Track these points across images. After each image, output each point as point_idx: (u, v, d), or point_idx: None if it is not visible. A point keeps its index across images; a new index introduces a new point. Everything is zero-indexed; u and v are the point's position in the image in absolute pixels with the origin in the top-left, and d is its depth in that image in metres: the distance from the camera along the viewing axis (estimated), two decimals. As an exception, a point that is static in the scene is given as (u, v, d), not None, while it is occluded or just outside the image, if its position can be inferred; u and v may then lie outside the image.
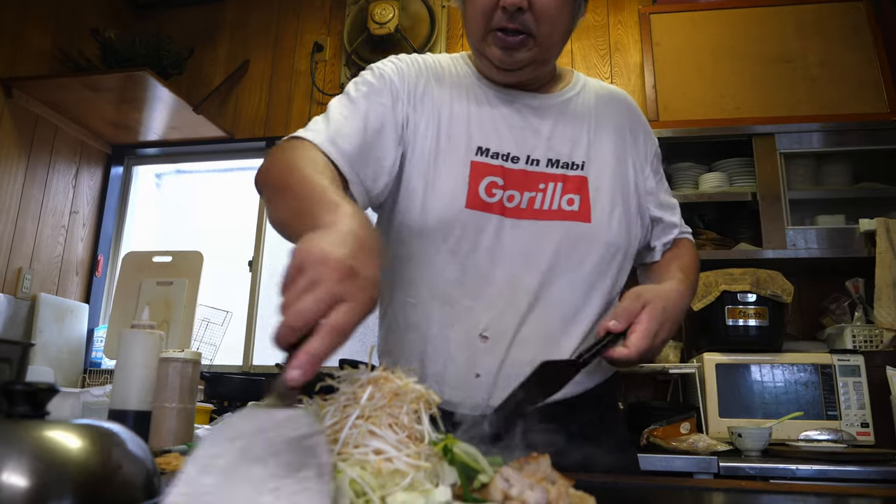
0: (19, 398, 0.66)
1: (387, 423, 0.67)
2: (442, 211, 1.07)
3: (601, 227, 1.10)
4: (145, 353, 1.32)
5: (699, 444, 2.07)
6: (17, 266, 3.10)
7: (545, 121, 1.15)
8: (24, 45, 3.16)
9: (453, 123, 1.12)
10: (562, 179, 1.11)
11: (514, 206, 1.09)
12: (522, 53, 1.09)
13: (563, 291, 1.09)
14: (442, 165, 1.09)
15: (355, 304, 0.62)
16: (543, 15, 1.06)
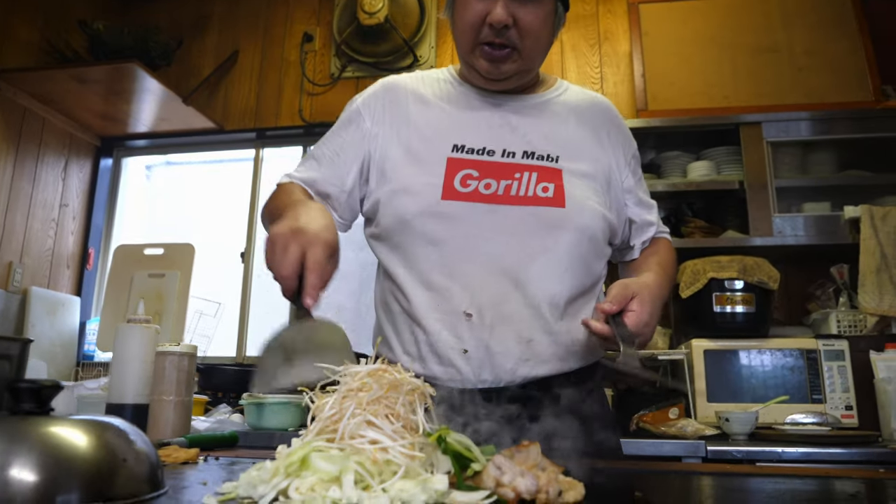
0: (25, 395, 0.68)
1: (384, 413, 0.69)
2: (419, 205, 1.17)
3: (574, 212, 1.17)
4: (142, 347, 1.34)
5: (688, 428, 2.11)
6: (7, 260, 3.10)
7: (523, 119, 1.25)
8: (10, 37, 3.14)
9: (431, 129, 1.23)
10: (537, 170, 1.19)
11: (490, 192, 1.17)
12: (508, 65, 1.19)
13: (541, 270, 1.16)
14: (419, 165, 1.20)
15: (316, 247, 0.93)
16: (527, 31, 1.15)
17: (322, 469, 0.62)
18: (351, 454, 0.63)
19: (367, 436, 0.66)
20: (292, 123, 3.52)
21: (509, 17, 1.13)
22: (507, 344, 1.13)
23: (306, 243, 0.92)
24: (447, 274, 1.15)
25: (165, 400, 1.30)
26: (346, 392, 0.71)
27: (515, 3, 1.14)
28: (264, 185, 3.60)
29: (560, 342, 1.16)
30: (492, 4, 1.13)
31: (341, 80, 3.51)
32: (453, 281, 1.15)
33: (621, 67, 3.21)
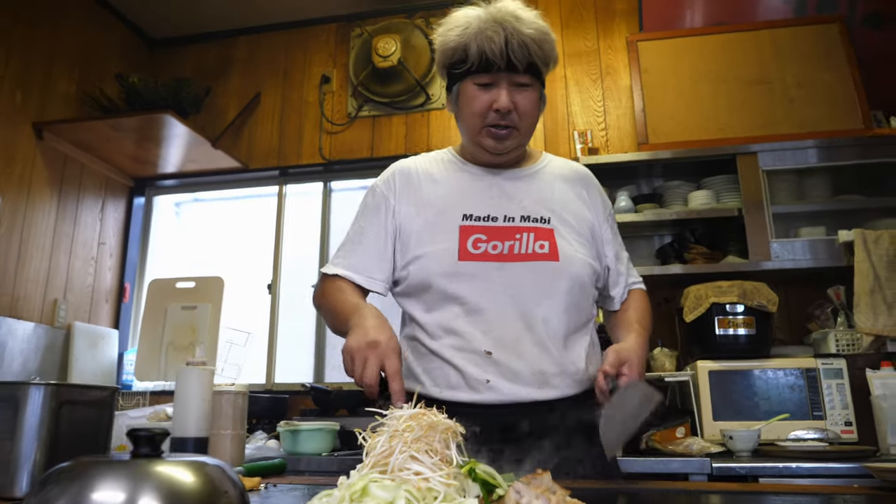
0: (143, 441, 0.86)
1: (423, 449, 0.86)
2: (441, 267, 1.39)
3: (566, 264, 1.40)
4: (200, 386, 1.51)
5: (693, 446, 2.25)
6: (52, 297, 3.31)
7: (518, 189, 1.49)
8: (52, 91, 3.37)
9: (443, 202, 1.46)
10: (534, 230, 1.42)
11: (497, 252, 1.39)
12: (510, 142, 1.44)
13: (544, 313, 1.38)
14: (437, 234, 1.42)
15: (392, 358, 1.16)
16: (524, 113, 1.41)
17: (379, 496, 0.79)
18: (401, 484, 0.80)
19: (412, 468, 0.83)
20: (313, 161, 3.72)
21: (511, 102, 1.37)
22: (523, 375, 1.35)
23: (382, 355, 1.15)
24: (468, 321, 1.37)
25: (223, 434, 1.47)
26: (393, 432, 0.88)
27: (514, 91, 1.39)
28: (288, 219, 3.80)
29: (566, 371, 1.38)
30: (497, 94, 1.38)
31: (358, 119, 3.71)
32: (474, 327, 1.36)
33: (623, 101, 3.38)
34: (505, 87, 1.38)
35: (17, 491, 1.07)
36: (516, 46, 1.35)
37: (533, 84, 1.40)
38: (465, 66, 1.39)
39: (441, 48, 1.45)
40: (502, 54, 1.35)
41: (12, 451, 1.09)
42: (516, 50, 1.35)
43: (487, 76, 1.38)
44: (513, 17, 1.37)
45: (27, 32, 3.24)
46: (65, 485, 0.78)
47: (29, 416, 1.10)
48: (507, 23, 1.36)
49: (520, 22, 1.37)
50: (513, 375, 1.34)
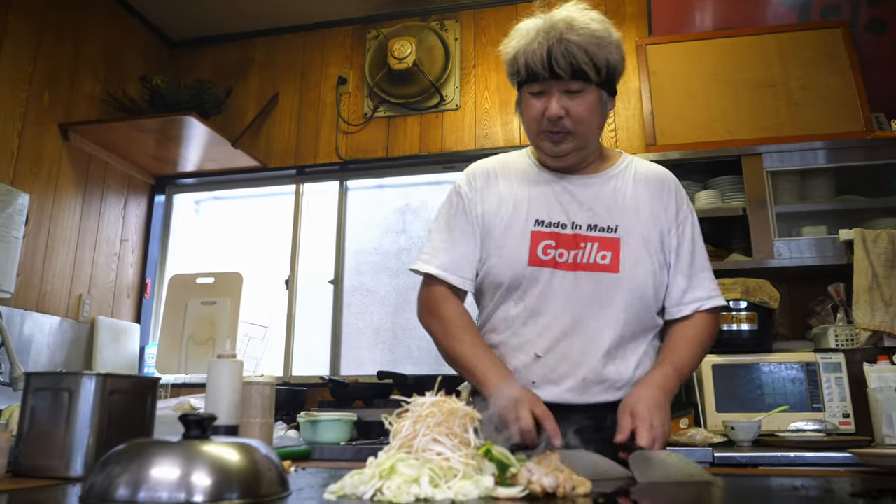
0: (193, 425, 0.96)
1: (444, 433, 0.96)
2: (512, 270, 1.48)
3: (627, 276, 1.46)
4: (231, 377, 1.62)
5: (697, 437, 2.35)
6: (77, 293, 3.43)
7: (588, 195, 1.53)
8: (77, 92, 3.49)
9: (516, 205, 1.53)
10: (598, 240, 1.47)
11: (563, 261, 1.47)
12: (566, 145, 1.48)
13: (600, 324, 1.45)
14: (510, 237, 1.50)
15: (538, 405, 1.32)
16: (578, 119, 1.44)
17: (405, 473, 0.89)
18: (425, 463, 0.91)
19: (434, 449, 0.94)
20: (329, 160, 3.83)
21: (562, 109, 1.42)
22: (566, 381, 1.45)
23: (531, 405, 1.31)
24: (527, 323, 1.48)
25: (253, 422, 1.58)
26: (417, 418, 0.98)
27: (566, 98, 1.42)
28: (305, 216, 3.91)
29: (606, 380, 1.45)
30: (548, 101, 1.43)
31: (374, 120, 3.81)
32: (531, 329, 1.48)
33: (632, 102, 3.47)
34: (556, 95, 1.41)
35: (73, 472, 1.18)
36: (559, 55, 1.38)
37: (585, 89, 1.41)
38: (519, 77, 1.47)
39: (504, 59, 1.51)
40: (544, 65, 1.39)
41: (67, 435, 1.20)
42: (559, 59, 1.38)
43: (537, 85, 1.43)
44: (564, 23, 1.39)
45: (53, 36, 3.35)
46: (125, 464, 0.88)
47: (82, 404, 1.21)
48: (555, 31, 1.38)
49: (570, 28, 1.38)
50: (557, 379, 1.45)
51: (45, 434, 1.20)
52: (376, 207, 3.87)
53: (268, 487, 0.92)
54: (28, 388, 1.24)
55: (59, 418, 1.21)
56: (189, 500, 0.84)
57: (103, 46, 3.67)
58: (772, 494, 1.01)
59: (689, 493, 1.02)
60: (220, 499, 0.86)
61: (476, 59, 3.77)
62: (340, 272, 3.77)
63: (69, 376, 1.23)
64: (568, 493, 0.91)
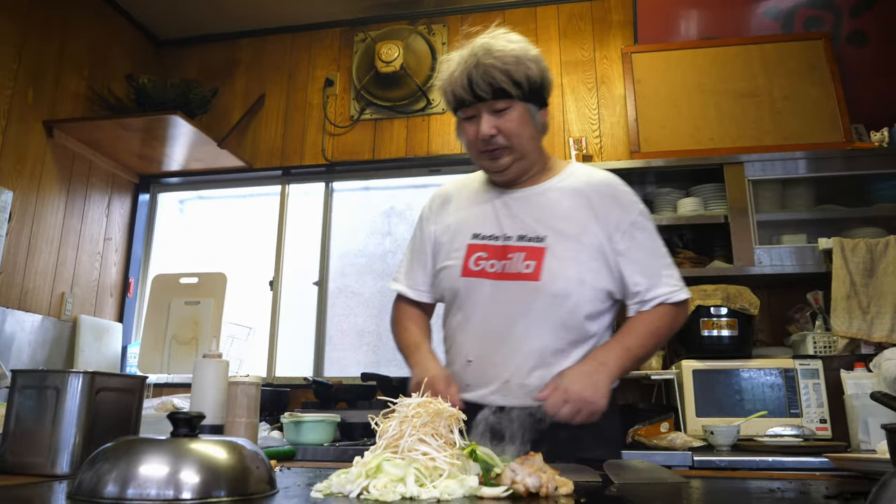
0: (181, 423, 0.97)
1: (430, 433, 0.98)
2: (450, 281, 1.60)
3: (548, 284, 1.49)
4: (217, 377, 1.62)
5: (677, 441, 2.38)
6: (60, 291, 3.41)
7: (523, 208, 1.60)
8: (62, 90, 3.47)
9: (461, 223, 1.65)
10: (525, 250, 1.54)
11: (493, 271, 1.55)
12: (504, 160, 1.56)
13: (522, 330, 1.51)
14: (452, 251, 1.63)
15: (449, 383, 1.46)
16: (509, 133, 1.52)
17: (391, 472, 0.91)
18: (410, 462, 0.92)
19: (420, 449, 0.95)
20: (315, 162, 3.83)
21: (493, 128, 1.50)
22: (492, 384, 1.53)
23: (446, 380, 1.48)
24: (462, 331, 1.59)
25: (238, 421, 1.58)
26: (403, 418, 1.00)
27: (494, 117, 1.51)
28: (290, 218, 3.91)
29: (527, 385, 1.49)
30: (478, 123, 1.52)
31: (360, 122, 3.82)
32: (465, 336, 1.59)
33: (617, 109, 3.50)
34: (484, 116, 1.50)
35: (59, 469, 1.18)
36: (479, 79, 1.47)
37: (511, 105, 1.50)
38: (451, 106, 1.57)
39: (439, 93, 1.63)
40: (466, 90, 1.49)
41: (54, 433, 1.20)
42: (479, 82, 1.47)
43: (467, 109, 1.53)
44: (483, 49, 1.49)
45: (39, 33, 3.33)
46: (113, 461, 0.89)
47: (69, 402, 1.21)
48: (473, 58, 1.48)
49: (487, 53, 1.48)
50: (485, 383, 1.53)
51: (32, 432, 1.20)
52: (362, 210, 3.88)
53: (255, 485, 0.93)
54: (14, 386, 1.24)
55: (46, 416, 1.21)
56: (177, 497, 0.85)
57: (89, 44, 3.66)
58: (749, 496, 1.03)
59: (669, 494, 1.04)
60: (209, 496, 0.87)
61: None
62: (325, 274, 3.77)
63: (56, 374, 1.23)
64: (550, 492, 0.93)
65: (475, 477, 0.92)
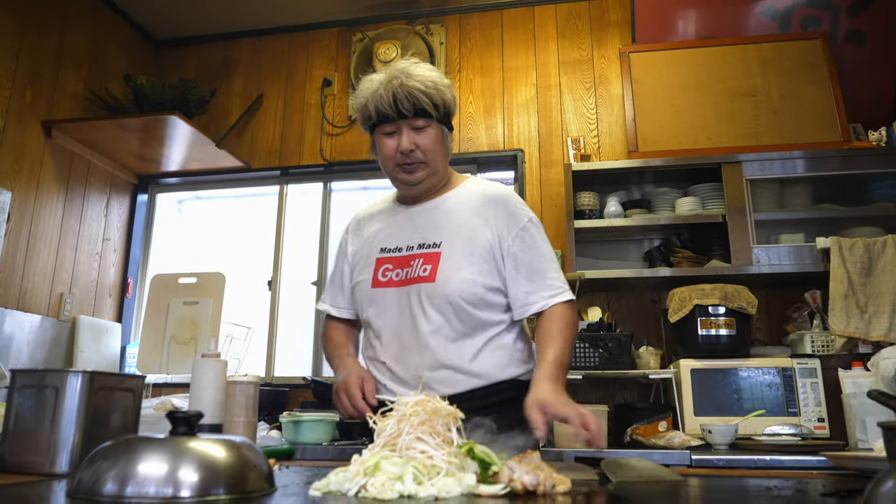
0: (180, 422, 0.97)
1: (428, 431, 0.98)
2: (362, 294, 1.73)
3: (442, 284, 1.61)
4: (215, 376, 1.62)
5: (675, 440, 2.38)
6: (59, 291, 3.41)
7: (423, 219, 1.73)
8: (60, 90, 3.47)
9: (372, 241, 1.78)
10: (423, 256, 1.67)
11: (399, 279, 1.68)
12: (419, 173, 1.68)
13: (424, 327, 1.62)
14: (364, 266, 1.75)
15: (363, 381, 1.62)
16: (426, 149, 1.65)
17: (389, 470, 0.91)
18: (408, 461, 0.92)
19: (418, 447, 0.95)
20: (314, 162, 3.84)
21: (412, 143, 1.62)
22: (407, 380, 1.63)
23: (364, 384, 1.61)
24: (377, 336, 1.70)
25: (237, 421, 1.59)
26: (401, 417, 1.00)
27: (414, 133, 1.62)
28: (288, 218, 3.91)
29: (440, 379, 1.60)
30: (398, 139, 1.63)
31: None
32: (379, 341, 1.69)
33: (615, 109, 3.51)
34: (405, 132, 1.61)
35: (58, 468, 1.18)
36: (403, 98, 1.58)
37: (430, 124, 1.63)
38: (371, 122, 1.66)
39: (356, 110, 1.70)
40: (392, 107, 1.59)
41: (53, 432, 1.20)
42: (404, 101, 1.58)
43: (388, 125, 1.63)
44: (403, 73, 1.60)
45: (37, 33, 3.33)
46: (112, 460, 0.88)
47: (68, 402, 1.21)
48: (396, 79, 1.59)
49: (409, 76, 1.60)
50: (399, 381, 1.64)
51: (31, 431, 1.20)
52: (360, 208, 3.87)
53: (254, 483, 0.93)
54: (13, 385, 1.24)
55: (45, 416, 1.21)
56: (176, 495, 0.85)
57: (87, 44, 3.66)
58: (746, 494, 1.03)
59: (667, 492, 1.04)
60: (207, 494, 0.87)
61: (461, 63, 3.80)
62: (324, 274, 3.77)
63: (55, 374, 1.23)
64: (548, 490, 0.93)
65: (473, 475, 0.92)
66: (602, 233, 3.18)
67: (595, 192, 3.14)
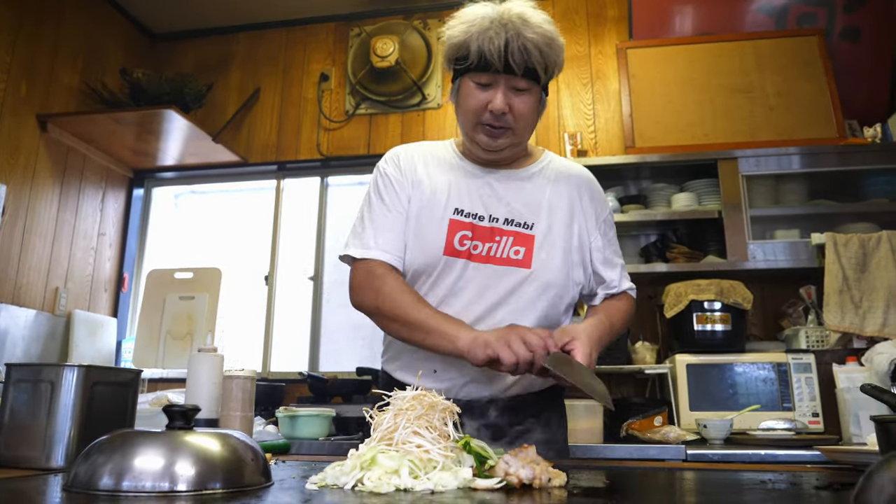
0: (176, 416, 0.97)
1: (424, 426, 0.99)
2: (426, 257, 1.47)
3: (538, 272, 1.46)
4: (211, 371, 1.62)
5: (670, 434, 2.39)
6: (54, 286, 3.40)
7: (508, 190, 1.53)
8: (55, 83, 3.45)
9: (437, 192, 1.51)
10: (513, 234, 1.48)
11: (477, 253, 1.47)
12: (503, 140, 1.47)
13: (504, 316, 1.45)
14: (428, 224, 1.49)
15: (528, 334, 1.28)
16: (520, 115, 1.44)
17: (386, 464, 0.91)
18: (405, 455, 0.93)
19: (414, 442, 0.96)
20: (311, 157, 3.83)
21: (506, 105, 1.41)
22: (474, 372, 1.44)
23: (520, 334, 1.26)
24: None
25: (233, 415, 1.59)
26: (398, 411, 1.00)
27: (511, 93, 1.41)
28: (285, 212, 3.90)
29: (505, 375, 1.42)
30: (493, 94, 1.40)
31: (355, 117, 3.82)
32: None
33: (612, 105, 3.51)
34: (502, 89, 1.39)
35: (54, 463, 1.18)
36: (516, 50, 1.36)
37: (531, 88, 1.42)
38: (466, 63, 1.41)
39: (447, 42, 1.45)
40: (500, 57, 1.36)
41: (48, 427, 1.20)
42: (516, 54, 1.36)
43: (486, 76, 1.40)
44: (520, 19, 1.37)
45: (32, 25, 3.32)
46: (108, 454, 0.89)
47: (64, 396, 1.21)
48: (512, 25, 1.36)
49: (526, 25, 1.36)
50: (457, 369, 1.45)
51: (26, 425, 1.21)
52: (357, 204, 3.83)
53: (251, 477, 0.94)
54: (9, 379, 1.24)
55: (41, 410, 1.21)
56: (173, 488, 0.85)
57: (83, 38, 3.64)
58: (741, 487, 1.04)
59: (664, 482, 1.05)
60: (204, 488, 0.88)
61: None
62: (320, 268, 3.77)
63: (50, 368, 1.23)
64: (544, 484, 0.93)
65: (469, 469, 0.93)
66: (598, 228, 3.18)
67: (591, 188, 3.13)
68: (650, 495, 0.97)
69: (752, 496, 0.91)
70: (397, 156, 1.59)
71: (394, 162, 1.58)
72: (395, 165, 1.57)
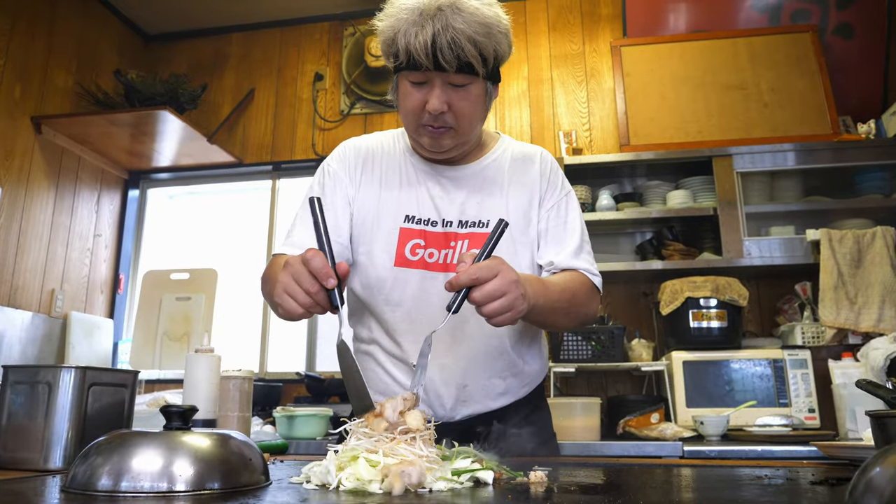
0: (175, 416, 0.97)
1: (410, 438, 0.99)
2: (377, 269, 1.37)
3: None
4: (209, 371, 1.62)
5: (667, 431, 2.40)
6: (50, 288, 3.40)
7: (460, 190, 1.41)
8: (49, 85, 3.45)
9: (384, 199, 1.40)
10: (469, 237, 1.38)
11: (433, 261, 1.37)
12: (447, 141, 1.34)
13: (472, 330, 1.35)
14: (377, 232, 1.39)
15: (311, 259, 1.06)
16: (461, 113, 1.29)
17: (369, 461, 0.92)
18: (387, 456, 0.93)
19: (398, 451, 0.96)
20: (306, 157, 3.83)
21: (444, 104, 1.26)
22: (447, 389, 1.36)
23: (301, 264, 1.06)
24: (399, 331, 1.38)
25: (230, 416, 1.59)
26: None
27: (449, 90, 1.26)
28: (281, 212, 3.90)
29: (491, 388, 1.38)
30: (428, 94, 1.26)
31: (350, 116, 3.82)
32: (403, 338, 1.38)
33: (606, 102, 3.52)
34: (438, 87, 1.25)
35: (52, 464, 1.18)
36: (445, 45, 1.20)
37: (471, 82, 1.27)
38: (396, 62, 1.27)
39: (378, 37, 1.30)
40: (428, 54, 1.21)
41: (46, 428, 1.20)
42: (445, 49, 1.20)
43: (418, 74, 1.25)
44: (450, 7, 1.20)
45: (26, 27, 3.31)
46: (107, 454, 0.88)
47: (61, 397, 1.21)
48: (441, 15, 1.20)
49: (457, 13, 1.20)
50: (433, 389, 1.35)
51: (24, 427, 1.20)
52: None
53: (249, 477, 0.94)
54: (6, 381, 1.24)
55: (38, 412, 1.21)
56: (171, 489, 0.85)
57: (77, 39, 3.64)
58: (738, 483, 1.04)
59: (657, 478, 1.05)
60: (202, 488, 0.87)
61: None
62: (317, 268, 3.76)
63: (47, 370, 1.23)
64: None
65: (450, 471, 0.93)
66: (594, 226, 3.18)
67: (587, 186, 3.14)
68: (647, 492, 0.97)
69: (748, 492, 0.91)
70: (344, 153, 1.48)
71: (339, 159, 1.47)
72: (340, 162, 1.46)
